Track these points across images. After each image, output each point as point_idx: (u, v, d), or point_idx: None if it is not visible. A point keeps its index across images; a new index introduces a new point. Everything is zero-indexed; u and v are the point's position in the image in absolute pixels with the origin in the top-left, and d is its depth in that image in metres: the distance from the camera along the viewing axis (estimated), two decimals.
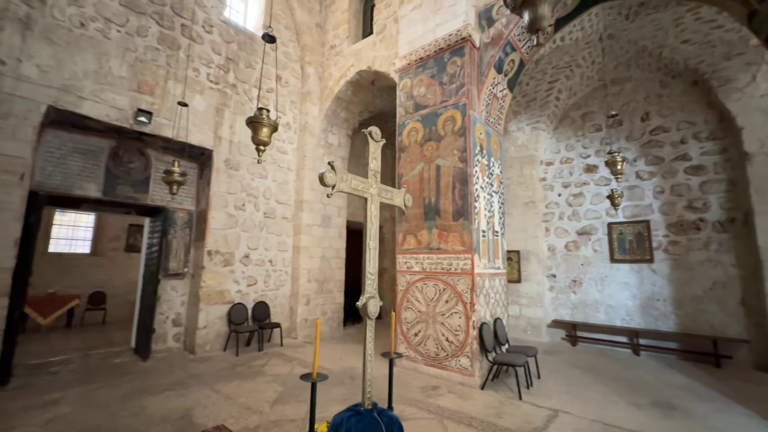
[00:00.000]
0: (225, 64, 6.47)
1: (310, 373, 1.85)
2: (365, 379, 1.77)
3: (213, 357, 5.54)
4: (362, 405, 1.75)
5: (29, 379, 4.38)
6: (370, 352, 1.83)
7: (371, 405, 1.75)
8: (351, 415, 1.67)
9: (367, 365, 1.78)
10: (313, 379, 1.79)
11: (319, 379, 1.82)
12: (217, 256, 6.04)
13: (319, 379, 1.82)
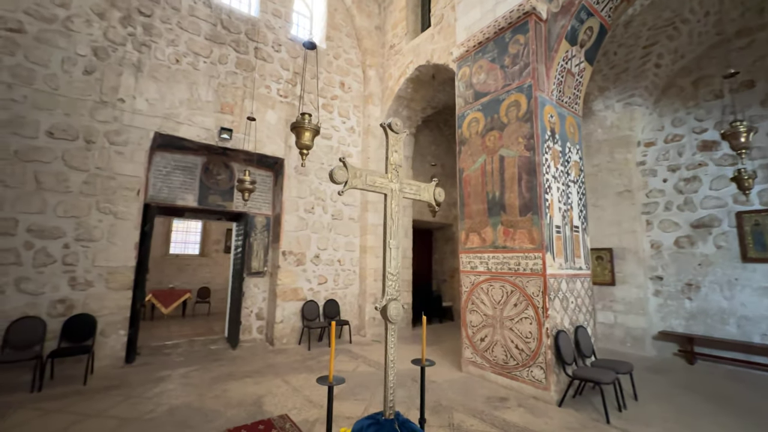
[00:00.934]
0: (292, 78, 6.97)
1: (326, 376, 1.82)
2: (387, 387, 1.66)
3: (288, 349, 5.99)
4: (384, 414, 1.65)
5: (149, 358, 5.32)
6: (392, 358, 1.71)
7: (393, 415, 1.63)
8: (371, 424, 1.58)
9: (388, 372, 1.67)
10: (329, 382, 1.76)
11: (335, 382, 1.77)
12: (291, 256, 6.53)
13: (335, 383, 1.77)
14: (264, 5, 6.80)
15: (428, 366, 2.15)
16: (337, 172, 1.66)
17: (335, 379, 1.75)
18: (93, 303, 4.67)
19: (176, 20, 5.72)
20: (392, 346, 1.74)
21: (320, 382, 1.73)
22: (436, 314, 9.09)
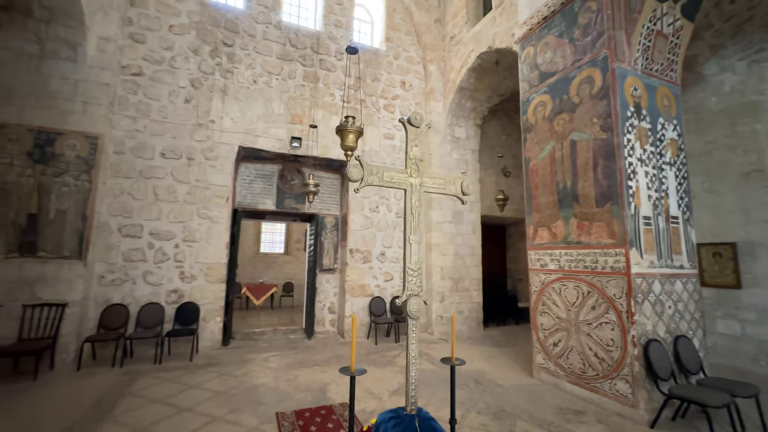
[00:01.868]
0: (354, 84, 7.27)
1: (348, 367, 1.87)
2: (408, 383, 1.63)
3: (358, 343, 6.28)
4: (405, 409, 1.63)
5: (241, 342, 6.13)
6: (413, 354, 1.67)
7: (415, 411, 1.59)
8: (392, 417, 1.57)
9: (410, 368, 1.64)
10: (351, 372, 1.80)
11: (357, 373, 1.81)
12: (357, 254, 6.83)
13: (357, 373, 1.80)
14: (326, 18, 7.23)
15: (458, 365, 2.06)
16: (351, 170, 1.71)
17: (358, 371, 1.81)
18: (196, 293, 5.58)
19: (252, 45, 6.47)
20: (413, 342, 1.71)
21: (342, 372, 1.80)
22: (511, 315, 8.53)
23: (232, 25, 6.34)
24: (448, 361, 2.02)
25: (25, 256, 4.48)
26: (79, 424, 3.08)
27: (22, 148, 4.62)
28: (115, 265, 5.18)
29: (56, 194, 4.71)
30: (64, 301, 4.58)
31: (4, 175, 4.51)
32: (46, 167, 4.69)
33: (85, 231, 4.81)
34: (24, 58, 4.76)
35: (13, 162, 4.56)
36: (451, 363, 1.99)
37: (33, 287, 4.49)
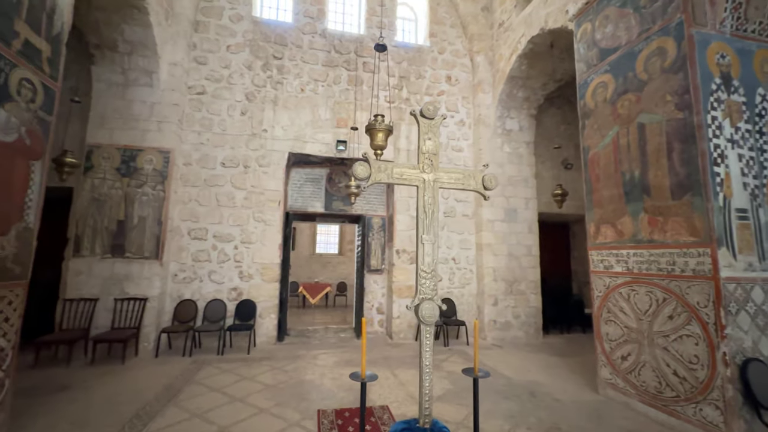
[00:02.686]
0: (398, 83, 7.22)
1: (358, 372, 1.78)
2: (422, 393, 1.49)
3: (405, 344, 6.20)
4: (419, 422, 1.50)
5: (294, 339, 6.44)
6: (427, 363, 1.53)
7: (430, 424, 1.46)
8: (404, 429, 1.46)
9: (424, 377, 1.50)
10: (362, 379, 1.72)
11: (368, 379, 1.71)
12: (404, 255, 6.75)
13: (368, 380, 1.71)
14: (369, 21, 7.30)
15: (482, 378, 1.86)
16: (358, 168, 1.64)
17: (369, 377, 1.73)
18: (254, 291, 6.00)
19: (300, 56, 6.78)
20: (428, 349, 1.59)
21: (353, 378, 1.73)
22: (577, 322, 7.72)
23: (281, 39, 6.72)
24: (470, 372, 1.85)
25: (116, 256, 5.23)
26: (149, 405, 3.48)
27: (113, 164, 5.40)
28: (186, 264, 5.80)
29: (138, 203, 5.41)
30: (146, 296, 5.25)
31: (100, 188, 5.31)
32: (130, 180, 5.42)
33: (160, 234, 5.45)
34: (113, 88, 5.56)
35: (105, 176, 5.35)
36: (473, 375, 1.81)
37: (122, 283, 5.21)
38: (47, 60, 3.01)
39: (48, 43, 3.01)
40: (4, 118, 2.62)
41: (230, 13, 6.54)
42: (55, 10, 3.07)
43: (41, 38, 2.94)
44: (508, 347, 6.14)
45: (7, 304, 2.71)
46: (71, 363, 4.63)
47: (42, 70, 2.96)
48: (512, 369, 4.94)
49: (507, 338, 6.60)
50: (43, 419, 3.15)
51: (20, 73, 2.75)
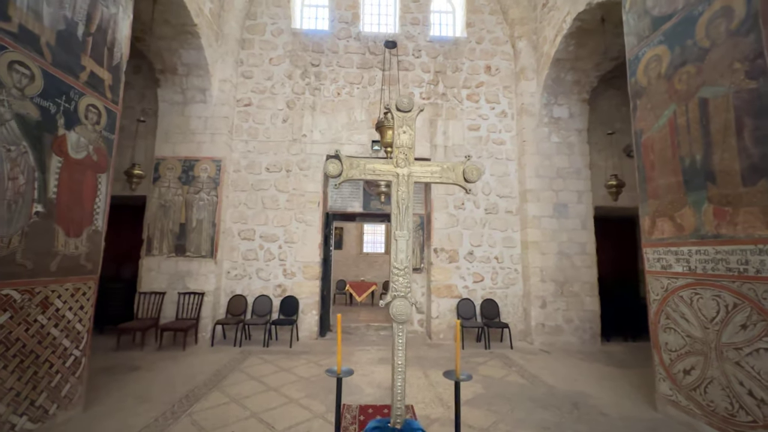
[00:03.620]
0: (434, 79, 7.08)
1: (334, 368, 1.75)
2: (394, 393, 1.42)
3: (443, 345, 6.06)
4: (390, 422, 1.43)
5: (335, 335, 6.66)
6: (399, 362, 1.46)
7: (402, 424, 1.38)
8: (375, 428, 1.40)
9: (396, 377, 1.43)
10: (337, 374, 1.70)
11: (343, 374, 1.68)
12: (443, 254, 6.60)
13: (344, 375, 1.68)
14: (403, 19, 7.27)
15: (464, 381, 1.72)
16: (329, 165, 1.64)
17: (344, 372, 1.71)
18: (296, 288, 6.34)
19: (336, 61, 7.00)
20: (400, 348, 1.52)
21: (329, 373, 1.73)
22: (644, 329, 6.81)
23: (317, 46, 7.01)
24: (452, 375, 1.74)
25: (179, 255, 5.91)
26: (198, 388, 3.88)
27: (175, 174, 6.12)
28: (237, 262, 6.34)
29: (196, 207, 6.06)
30: (203, 291, 5.85)
31: (165, 195, 6.05)
32: (189, 187, 6.09)
33: (214, 235, 6.04)
34: (174, 107, 6.30)
35: (170, 185, 6.08)
36: (455, 378, 1.70)
37: (184, 279, 5.88)
38: (109, 87, 3.52)
39: (109, 73, 3.52)
40: (75, 139, 3.13)
41: (272, 28, 7.00)
42: (115, 44, 3.58)
43: (104, 69, 3.45)
44: (558, 353, 5.66)
45: (82, 295, 3.23)
46: (144, 347, 5.35)
47: (105, 96, 3.47)
48: (557, 377, 4.55)
49: (557, 344, 6.09)
50: (115, 394, 3.70)
51: (87, 100, 3.26)
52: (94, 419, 3.16)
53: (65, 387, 3.08)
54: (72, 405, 3.15)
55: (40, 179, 2.82)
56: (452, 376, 1.64)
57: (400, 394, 1.56)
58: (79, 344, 3.22)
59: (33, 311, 2.78)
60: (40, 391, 2.85)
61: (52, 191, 2.93)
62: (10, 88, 2.58)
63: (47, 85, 2.87)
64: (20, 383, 2.68)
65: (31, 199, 2.75)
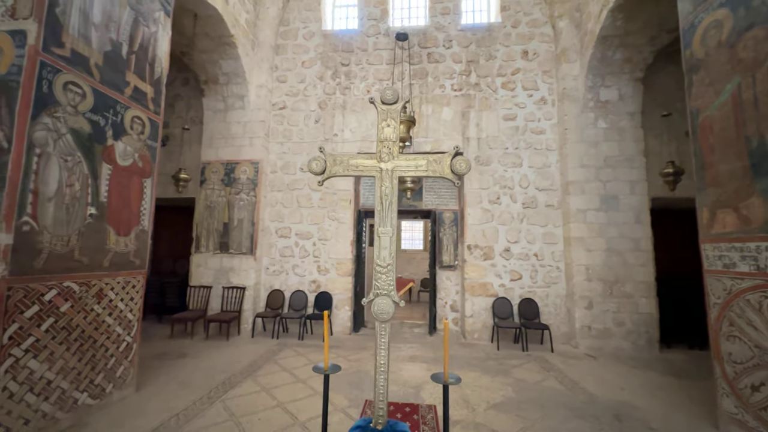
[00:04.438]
0: (466, 69, 6.82)
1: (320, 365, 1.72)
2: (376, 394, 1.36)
3: (477, 345, 5.84)
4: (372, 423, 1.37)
5: (369, 331, 6.74)
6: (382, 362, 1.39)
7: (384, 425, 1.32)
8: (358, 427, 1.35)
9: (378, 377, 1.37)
10: (324, 370, 1.67)
11: (330, 371, 1.65)
12: (477, 250, 6.35)
13: (331, 371, 1.65)
14: (432, 9, 7.08)
15: (452, 384, 1.59)
16: (312, 163, 1.62)
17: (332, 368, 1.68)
18: (330, 284, 6.51)
19: (365, 59, 7.03)
20: (383, 347, 1.46)
21: (316, 370, 1.71)
22: None
23: (347, 46, 7.09)
24: (440, 379, 1.63)
25: (223, 252, 6.37)
26: (234, 376, 4.15)
27: (219, 176, 6.58)
28: (275, 259, 6.67)
29: (237, 207, 6.47)
30: (244, 286, 6.25)
31: (211, 196, 6.54)
32: (231, 188, 6.52)
33: (254, 233, 6.40)
34: (217, 114, 6.77)
35: (214, 187, 6.56)
36: (443, 381, 1.60)
37: (228, 275, 6.32)
38: (151, 99, 3.87)
39: (151, 86, 3.87)
40: (122, 149, 3.49)
41: (303, 32, 7.22)
42: (155, 60, 3.93)
43: (146, 83, 3.80)
44: (606, 359, 5.19)
45: (132, 288, 3.61)
46: (194, 336, 5.85)
47: (148, 108, 3.82)
48: (600, 385, 4.17)
49: (605, 348, 5.58)
50: (163, 378, 4.09)
51: (132, 113, 3.61)
52: (143, 399, 3.52)
53: (119, 369, 3.46)
54: (126, 385, 3.54)
55: (92, 185, 3.19)
56: (440, 380, 1.56)
57: (383, 393, 1.52)
58: (131, 331, 3.61)
59: (90, 301, 3.16)
60: (98, 371, 3.24)
61: (104, 195, 3.30)
62: (66, 105, 2.94)
63: (97, 101, 3.22)
64: (81, 364, 3.07)
65: (85, 202, 3.12)
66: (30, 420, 2.68)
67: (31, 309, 2.69)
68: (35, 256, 2.72)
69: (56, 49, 2.87)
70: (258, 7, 6.85)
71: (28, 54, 2.69)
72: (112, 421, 3.07)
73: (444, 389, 1.51)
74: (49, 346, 2.81)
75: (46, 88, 2.80)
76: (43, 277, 2.77)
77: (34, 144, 2.72)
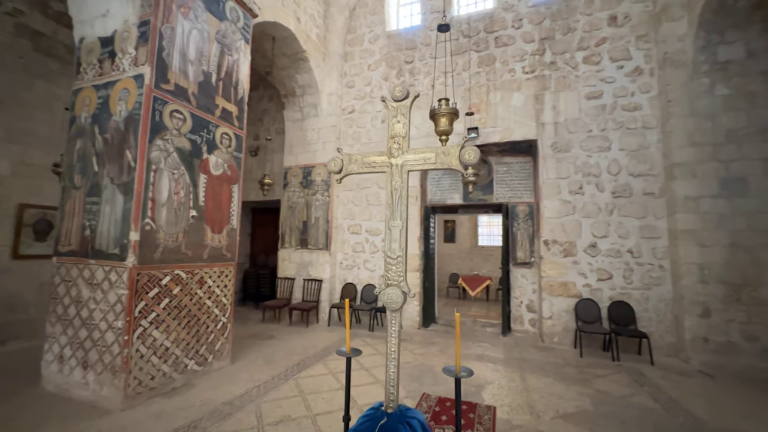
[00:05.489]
0: (539, 48, 6.24)
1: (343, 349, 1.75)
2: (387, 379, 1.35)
3: (556, 350, 5.33)
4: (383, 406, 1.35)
5: (439, 327, 6.71)
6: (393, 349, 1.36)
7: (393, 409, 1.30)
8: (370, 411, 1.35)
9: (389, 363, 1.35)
10: (347, 353, 1.71)
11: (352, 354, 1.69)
12: (555, 246, 5.78)
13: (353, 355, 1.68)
14: None
15: (464, 377, 1.46)
16: (331, 163, 1.69)
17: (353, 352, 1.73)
18: None
19: (428, 53, 6.98)
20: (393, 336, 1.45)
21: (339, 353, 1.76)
22: None
23: (410, 43, 7.14)
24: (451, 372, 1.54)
25: (303, 248, 7.07)
26: (308, 359, 4.62)
27: (298, 180, 7.31)
28: (348, 254, 7.12)
29: (314, 207, 7.10)
30: (321, 278, 6.83)
31: (292, 198, 7.31)
32: (308, 190, 7.19)
33: (329, 230, 6.95)
34: (296, 123, 7.52)
35: (295, 190, 7.31)
36: (455, 374, 1.51)
37: (307, 268, 7.00)
38: (236, 117, 4.54)
39: (235, 106, 4.54)
40: (214, 161, 4.19)
41: (369, 36, 7.51)
42: (238, 83, 4.59)
43: (231, 103, 4.47)
44: (728, 379, 4.22)
45: (225, 277, 4.31)
46: (280, 322, 6.65)
47: (233, 125, 4.49)
48: (713, 409, 3.43)
49: (730, 367, 4.53)
50: (252, 354, 4.78)
51: (221, 130, 4.30)
52: (236, 370, 4.18)
53: (218, 343, 4.18)
54: (223, 357, 4.26)
55: (193, 192, 3.91)
56: (452, 373, 1.50)
57: (393, 380, 1.55)
58: (225, 313, 4.31)
59: (194, 286, 3.89)
60: (202, 344, 3.97)
61: (201, 200, 4.01)
62: (172, 129, 3.67)
63: (194, 124, 3.94)
64: (189, 336, 3.81)
65: (188, 206, 3.85)
66: (154, 377, 3.44)
67: (153, 291, 3.45)
68: (154, 250, 3.48)
69: (164, 85, 3.61)
70: (327, 21, 7.38)
71: (145, 92, 3.45)
72: (211, 385, 3.74)
73: (456, 382, 1.47)
74: (166, 320, 3.57)
75: (158, 117, 3.54)
76: (160, 266, 3.52)
77: (151, 162, 3.47)
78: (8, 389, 3.50)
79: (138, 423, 2.95)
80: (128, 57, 3.60)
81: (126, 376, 3.20)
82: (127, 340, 3.21)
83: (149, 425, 2.93)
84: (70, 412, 3.09)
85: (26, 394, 3.40)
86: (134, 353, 3.27)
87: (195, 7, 3.97)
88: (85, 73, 3.83)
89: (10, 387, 3.55)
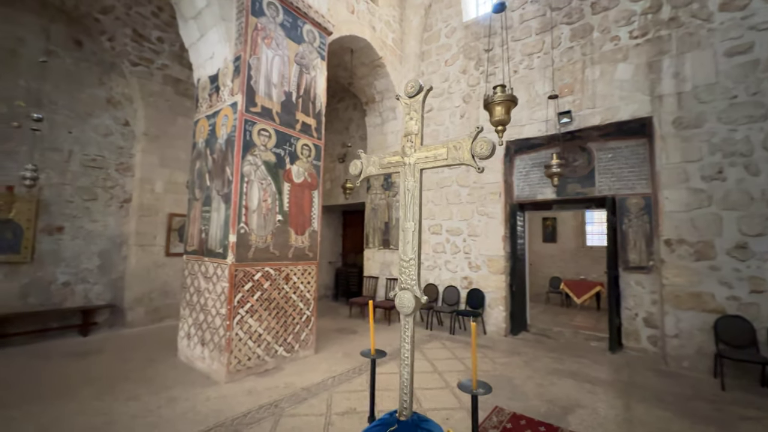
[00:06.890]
0: (652, 4, 5.10)
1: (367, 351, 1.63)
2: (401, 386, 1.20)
3: (686, 377, 4.24)
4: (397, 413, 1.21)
5: (530, 336, 6.07)
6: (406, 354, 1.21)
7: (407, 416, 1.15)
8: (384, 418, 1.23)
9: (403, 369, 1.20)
10: (372, 355, 1.61)
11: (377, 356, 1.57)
12: (681, 247, 4.61)
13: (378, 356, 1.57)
14: None
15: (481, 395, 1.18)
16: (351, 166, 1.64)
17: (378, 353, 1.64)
18: (481, 281, 6.30)
19: (510, 36, 6.41)
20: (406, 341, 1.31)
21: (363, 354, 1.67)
22: None
23: (488, 30, 6.67)
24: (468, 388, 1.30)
25: (385, 248, 7.29)
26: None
27: (380, 183, 7.58)
28: (428, 254, 7.04)
29: (394, 208, 7.26)
30: None
31: (375, 200, 7.62)
32: (389, 192, 7.39)
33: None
34: (376, 128, 7.82)
35: (377, 192, 7.61)
36: (471, 391, 1.28)
37: (389, 267, 7.19)
38: (315, 129, 4.98)
39: (314, 119, 4.98)
40: (296, 170, 4.68)
41: (445, 31, 7.31)
42: (315, 98, 5.03)
43: (310, 117, 4.92)
44: None
45: (308, 274, 4.76)
46: (365, 318, 6.99)
47: (312, 136, 4.94)
48: None
49: None
50: (335, 347, 5.15)
51: (302, 142, 4.78)
52: (318, 360, 4.57)
53: (303, 334, 4.65)
54: (308, 347, 4.71)
55: (279, 199, 4.44)
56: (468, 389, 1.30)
57: (407, 386, 1.43)
58: (309, 307, 4.76)
59: (281, 282, 4.41)
60: (289, 333, 4.47)
61: (286, 206, 4.53)
62: (260, 146, 4.25)
63: (278, 139, 4.47)
64: (278, 326, 4.34)
65: (275, 212, 4.39)
66: (251, 358, 4.03)
67: (248, 285, 4.05)
68: (248, 250, 4.07)
69: (252, 108, 4.20)
70: (403, 24, 7.47)
71: (238, 116, 4.08)
72: (296, 371, 4.17)
73: (473, 399, 1.29)
74: (258, 310, 4.14)
75: (248, 136, 4.14)
76: (252, 264, 4.11)
77: (244, 175, 4.07)
78: (157, 356, 4.57)
79: (234, 396, 3.50)
80: (227, 89, 4.31)
81: (228, 355, 3.83)
82: (229, 324, 3.84)
83: (242, 399, 3.44)
84: (192, 379, 3.86)
85: (167, 362, 4.38)
86: (234, 336, 3.88)
87: (276, 36, 4.51)
88: (200, 107, 4.74)
89: (159, 355, 4.63)
